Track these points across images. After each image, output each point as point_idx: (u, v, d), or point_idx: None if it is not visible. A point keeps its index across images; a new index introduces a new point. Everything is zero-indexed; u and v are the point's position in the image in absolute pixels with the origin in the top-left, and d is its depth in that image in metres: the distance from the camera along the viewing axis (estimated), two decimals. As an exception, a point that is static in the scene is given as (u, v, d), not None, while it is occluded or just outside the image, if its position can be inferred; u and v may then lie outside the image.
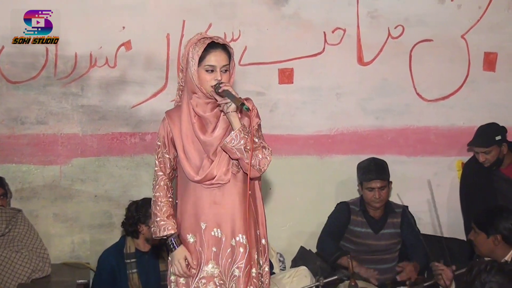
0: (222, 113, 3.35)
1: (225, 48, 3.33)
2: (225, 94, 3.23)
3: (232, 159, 3.34)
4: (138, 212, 4.69)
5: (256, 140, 3.31)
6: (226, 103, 3.25)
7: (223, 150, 3.32)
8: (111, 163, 5.23)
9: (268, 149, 3.35)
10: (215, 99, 3.30)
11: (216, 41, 3.32)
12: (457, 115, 5.60)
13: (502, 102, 5.63)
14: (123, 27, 5.17)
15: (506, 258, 4.08)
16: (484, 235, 4.16)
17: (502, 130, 5.23)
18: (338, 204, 5.16)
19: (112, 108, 5.21)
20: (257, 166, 3.31)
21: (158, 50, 5.22)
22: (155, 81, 5.23)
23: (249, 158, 3.27)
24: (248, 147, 3.26)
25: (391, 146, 5.55)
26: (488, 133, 5.22)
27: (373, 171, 4.98)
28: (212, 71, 3.29)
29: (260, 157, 3.31)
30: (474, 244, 4.24)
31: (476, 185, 5.31)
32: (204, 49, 3.28)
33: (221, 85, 3.25)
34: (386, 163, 5.09)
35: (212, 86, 3.28)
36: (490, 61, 5.60)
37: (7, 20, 5.02)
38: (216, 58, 3.29)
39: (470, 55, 5.57)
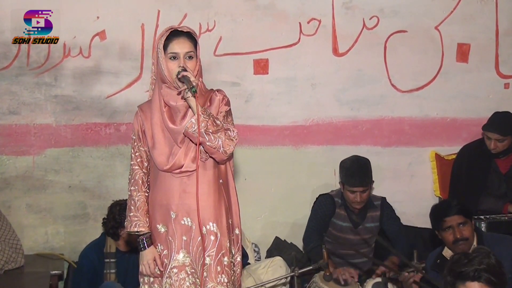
0: None
1: (190, 35, 3.33)
2: (184, 80, 3.24)
3: (195, 144, 3.31)
4: (121, 216, 4.45)
5: (218, 122, 3.30)
6: (185, 89, 3.25)
7: (186, 136, 3.31)
8: (85, 153, 5.20)
9: (233, 131, 3.34)
10: (178, 86, 3.30)
11: (180, 29, 3.33)
12: (430, 106, 5.64)
13: (475, 93, 5.68)
14: (98, 17, 5.12)
15: (474, 244, 4.11)
16: None
17: None
18: (321, 196, 5.03)
19: (86, 98, 5.17)
20: (222, 148, 3.29)
21: (133, 40, 5.19)
22: (130, 71, 5.20)
23: (211, 141, 3.25)
24: (210, 130, 3.24)
25: (366, 137, 5.59)
26: (507, 122, 5.15)
27: (357, 177, 4.78)
28: (175, 58, 3.30)
29: (223, 138, 3.28)
30: None
31: (469, 171, 5.29)
32: (168, 38, 3.30)
33: (181, 72, 3.26)
34: (369, 162, 4.93)
35: (176, 75, 3.29)
36: (463, 52, 5.64)
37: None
38: (178, 46, 3.30)
39: (444, 46, 5.62)
